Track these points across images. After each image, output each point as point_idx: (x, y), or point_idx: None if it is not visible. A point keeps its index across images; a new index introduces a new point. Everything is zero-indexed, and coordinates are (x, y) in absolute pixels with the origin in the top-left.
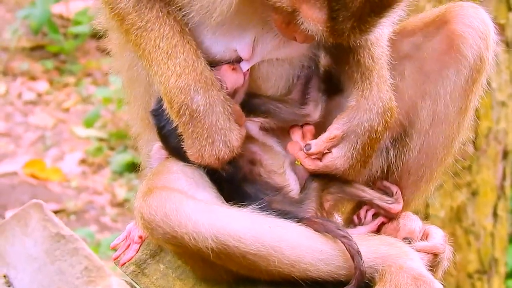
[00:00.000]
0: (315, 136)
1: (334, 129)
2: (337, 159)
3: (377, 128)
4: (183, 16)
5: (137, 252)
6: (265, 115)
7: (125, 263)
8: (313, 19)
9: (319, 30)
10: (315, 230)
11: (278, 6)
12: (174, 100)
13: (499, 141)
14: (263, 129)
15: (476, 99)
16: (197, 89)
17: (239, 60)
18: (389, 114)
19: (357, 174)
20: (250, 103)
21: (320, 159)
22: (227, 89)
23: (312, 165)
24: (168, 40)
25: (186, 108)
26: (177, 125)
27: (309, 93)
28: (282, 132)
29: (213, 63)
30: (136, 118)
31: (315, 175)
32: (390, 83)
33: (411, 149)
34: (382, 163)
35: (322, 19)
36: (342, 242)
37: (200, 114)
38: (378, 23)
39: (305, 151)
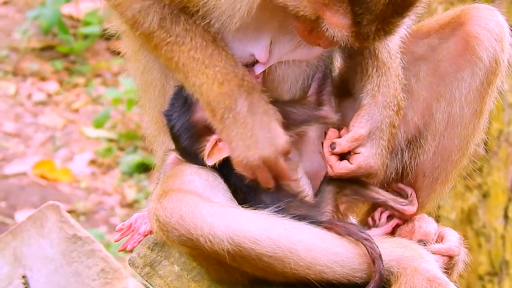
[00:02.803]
0: None
1: (359, 128)
2: (369, 157)
3: (395, 124)
4: (205, 24)
5: (138, 243)
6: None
7: (122, 250)
8: (338, 25)
9: (344, 35)
10: (337, 233)
11: (302, 15)
12: (218, 106)
13: (510, 143)
14: None
15: (492, 101)
16: (240, 93)
17: (255, 63)
18: (400, 113)
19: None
20: None
21: (349, 162)
22: None
23: (343, 168)
24: (203, 50)
25: (230, 111)
26: (220, 131)
27: (324, 94)
28: (295, 138)
29: None
30: (150, 121)
31: (330, 178)
32: (404, 84)
33: (426, 151)
34: (397, 165)
35: (347, 25)
36: (364, 244)
37: (244, 115)
38: (401, 23)
39: (330, 149)
